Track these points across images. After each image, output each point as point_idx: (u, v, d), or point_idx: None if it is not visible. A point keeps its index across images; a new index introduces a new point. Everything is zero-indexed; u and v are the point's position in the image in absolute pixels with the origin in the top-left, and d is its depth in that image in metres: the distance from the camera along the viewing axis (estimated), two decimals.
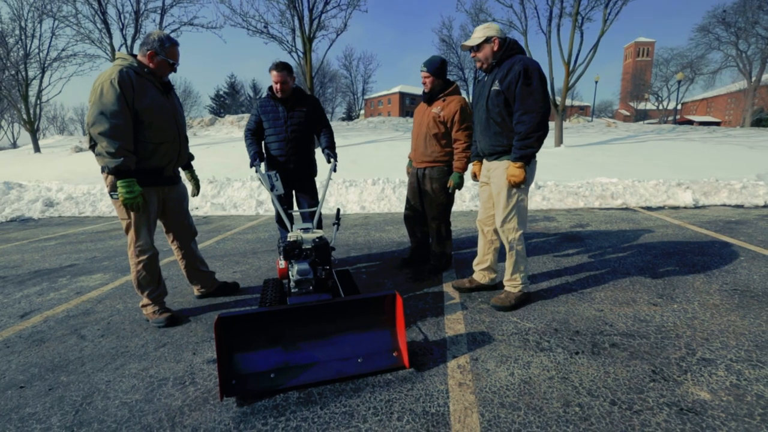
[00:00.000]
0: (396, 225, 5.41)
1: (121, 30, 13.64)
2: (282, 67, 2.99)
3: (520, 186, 2.36)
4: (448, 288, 2.92)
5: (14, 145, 28.11)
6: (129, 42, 14.11)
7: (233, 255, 4.15)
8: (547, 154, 12.56)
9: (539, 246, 4.00)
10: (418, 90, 65.62)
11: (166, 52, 2.24)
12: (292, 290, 2.17)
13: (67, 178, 10.77)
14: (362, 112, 58.57)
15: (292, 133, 3.11)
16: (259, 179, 2.80)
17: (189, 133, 17.89)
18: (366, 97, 63.01)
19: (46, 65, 16.60)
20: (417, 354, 2.01)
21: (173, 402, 1.71)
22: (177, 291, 3.07)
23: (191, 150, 2.80)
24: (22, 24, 15.71)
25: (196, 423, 1.57)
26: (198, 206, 7.47)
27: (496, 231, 2.68)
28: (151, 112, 2.22)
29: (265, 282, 2.70)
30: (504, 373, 1.81)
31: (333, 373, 1.80)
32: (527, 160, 2.30)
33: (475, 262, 2.85)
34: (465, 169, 2.96)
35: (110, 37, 13.70)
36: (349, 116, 48.99)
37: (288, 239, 2.25)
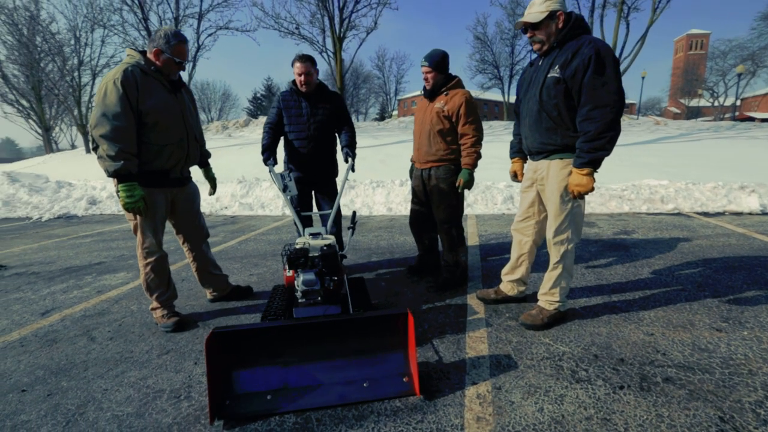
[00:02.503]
0: None
1: None
2: (306, 58, 2.86)
3: (584, 195, 2.00)
4: (472, 300, 2.66)
5: (72, 146, 30.34)
6: None
7: (253, 257, 4.08)
8: None
9: (576, 255, 3.63)
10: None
11: (171, 49, 2.14)
12: (299, 300, 2.01)
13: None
14: (395, 112, 58.37)
15: (315, 130, 2.98)
16: (272, 179, 2.68)
17: (224, 134, 18.46)
18: (399, 97, 62.85)
19: (97, 72, 17.81)
20: (431, 378, 1.78)
21: (164, 419, 1.59)
22: (192, 293, 3.01)
23: (223, 149, 2.73)
24: (77, 34, 16.91)
25: None
26: (227, 206, 7.58)
27: (535, 241, 2.39)
28: (157, 112, 2.14)
29: (274, 288, 2.56)
30: (531, 408, 1.55)
31: (335, 398, 1.61)
32: (596, 166, 1.90)
33: (504, 271, 2.57)
34: (474, 165, 2.69)
35: None
36: (382, 116, 48.96)
37: (295, 246, 2.10)
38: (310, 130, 2.97)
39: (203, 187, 3.13)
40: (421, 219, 3.06)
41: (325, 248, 2.01)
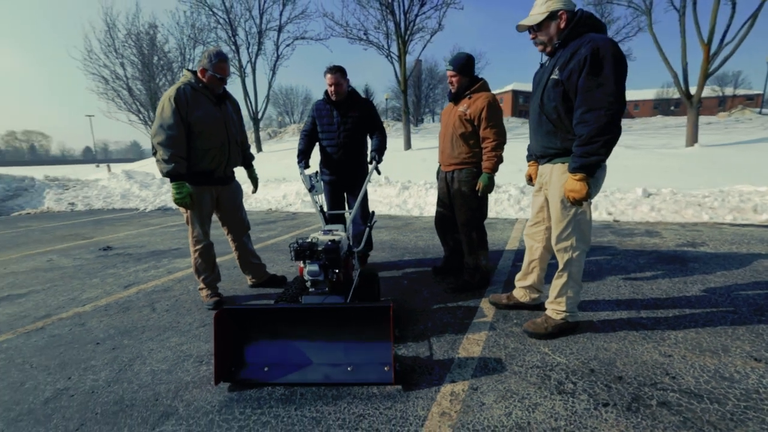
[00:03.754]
0: None
1: (247, 49, 16.15)
2: (335, 70, 3.11)
3: (581, 202, 1.92)
4: (485, 304, 2.65)
5: None
6: (253, 59, 16.62)
7: None
8: (669, 156, 10.41)
9: (619, 265, 3.33)
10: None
11: (213, 67, 2.53)
12: (309, 289, 2.24)
13: None
14: None
15: (344, 138, 3.22)
16: (302, 179, 2.99)
17: (297, 135, 19.93)
18: None
19: None
20: (415, 372, 1.87)
21: (185, 377, 1.92)
22: (237, 279, 3.44)
23: (292, 150, 3.13)
24: (183, 51, 19.71)
25: (191, 399, 1.74)
26: (291, 203, 8.26)
27: (546, 247, 2.32)
28: (201, 122, 2.53)
29: (294, 279, 2.84)
30: (500, 412, 1.57)
31: (321, 377, 1.80)
32: (590, 171, 1.82)
33: (517, 276, 2.52)
34: (494, 169, 2.66)
35: (238, 54, 16.31)
36: None
37: (306, 240, 2.33)
38: (340, 138, 3.22)
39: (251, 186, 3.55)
40: (445, 221, 3.11)
41: (329, 243, 2.20)
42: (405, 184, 8.31)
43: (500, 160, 2.66)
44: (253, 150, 17.16)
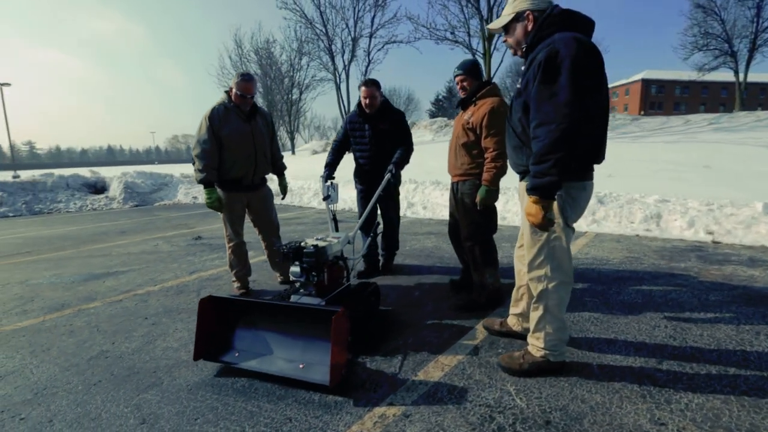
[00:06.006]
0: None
1: (342, 56, 17.44)
2: (370, 83, 3.27)
3: (546, 226, 1.67)
4: (481, 326, 2.48)
5: (293, 151, 39.35)
6: (347, 65, 17.84)
7: None
8: None
9: (675, 300, 2.72)
10: (672, 74, 51.44)
11: (238, 87, 2.88)
12: (299, 290, 2.43)
13: (296, 174, 14.45)
14: None
15: (375, 151, 3.38)
16: (320, 188, 3.22)
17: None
18: None
19: (302, 89, 23.08)
20: (363, 386, 1.90)
21: (184, 356, 2.29)
22: (270, 275, 3.83)
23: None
24: (292, 62, 22.26)
25: (177, 376, 2.07)
26: (345, 201, 8.67)
27: None
28: (230, 137, 2.92)
29: None
30: None
31: (276, 370, 1.97)
32: (544, 194, 1.58)
33: (511, 302, 2.30)
34: (494, 182, 2.43)
35: (333, 62, 17.76)
36: None
37: (295, 243, 2.50)
38: (371, 150, 3.38)
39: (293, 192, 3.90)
40: (456, 233, 2.98)
41: (311, 248, 2.34)
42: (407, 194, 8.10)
43: (502, 172, 2.45)
44: None
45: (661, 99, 53.93)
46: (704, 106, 50.45)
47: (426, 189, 8.50)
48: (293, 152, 24.25)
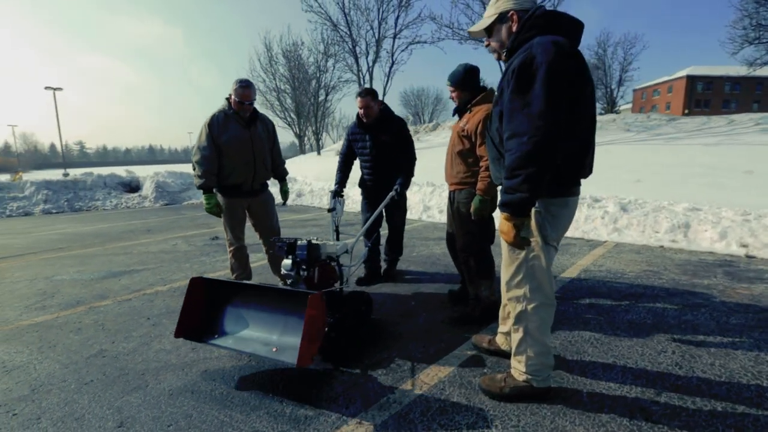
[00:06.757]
0: None
1: (366, 57, 17.52)
2: (365, 93, 3.26)
3: (521, 245, 1.54)
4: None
5: (318, 152, 40.05)
6: (371, 66, 17.91)
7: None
8: None
9: (689, 322, 2.49)
10: (721, 69, 47.97)
11: (237, 94, 2.92)
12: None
13: (319, 175, 14.64)
14: (623, 106, 48.27)
15: (377, 161, 3.40)
16: (328, 200, 3.29)
17: (414, 138, 20.43)
18: (637, 86, 51.53)
19: (328, 90, 23.40)
20: (336, 402, 1.86)
21: (173, 360, 2.35)
22: (271, 279, 3.86)
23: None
24: (318, 65, 22.64)
25: (162, 380, 2.12)
26: (356, 202, 8.63)
27: None
28: (228, 143, 2.96)
29: None
30: None
31: (249, 350, 2.01)
32: (515, 211, 1.46)
33: (499, 319, 2.19)
34: (488, 192, 2.32)
35: (357, 64, 17.87)
36: (612, 110, 41.43)
37: (289, 239, 2.50)
38: (373, 161, 3.40)
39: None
40: (453, 243, 2.89)
41: (304, 243, 2.34)
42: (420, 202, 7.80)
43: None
44: None
45: (708, 96, 50.43)
46: (757, 104, 46.72)
47: (443, 192, 8.35)
48: (318, 153, 24.62)
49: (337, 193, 3.42)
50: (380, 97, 3.41)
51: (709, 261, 3.84)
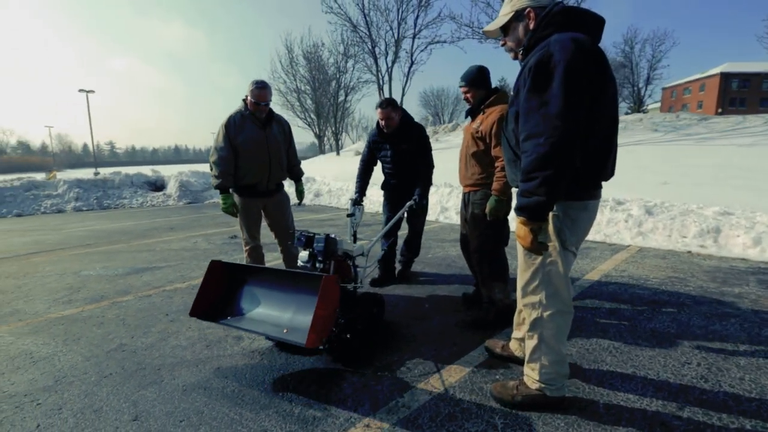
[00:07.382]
0: None
1: (385, 58, 17.53)
2: (386, 104, 3.29)
3: (538, 250, 1.50)
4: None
5: (337, 152, 40.35)
6: (390, 67, 17.90)
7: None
8: None
9: (717, 332, 2.36)
10: (759, 66, 45.60)
11: (253, 95, 2.96)
12: None
13: (337, 175, 14.72)
14: (651, 105, 46.41)
15: (398, 168, 3.46)
16: (349, 207, 3.36)
17: (433, 139, 20.28)
18: (666, 84, 49.46)
19: (348, 91, 23.58)
20: (345, 404, 1.86)
21: (188, 356, 2.40)
22: None
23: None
24: (338, 65, 22.83)
25: (177, 375, 2.17)
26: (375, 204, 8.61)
27: None
28: (245, 144, 3.01)
29: None
30: None
31: (262, 331, 2.07)
32: (532, 215, 1.41)
33: (514, 325, 2.14)
34: (503, 192, 2.28)
35: (376, 64, 17.91)
36: (639, 110, 39.91)
37: (308, 233, 2.51)
38: (395, 169, 3.46)
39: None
40: (467, 245, 2.85)
41: (322, 236, 2.39)
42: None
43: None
44: None
45: (745, 94, 47.93)
46: None
47: (461, 194, 8.26)
48: (338, 153, 24.84)
49: (357, 202, 3.45)
50: (400, 98, 3.45)
51: (741, 268, 3.64)
